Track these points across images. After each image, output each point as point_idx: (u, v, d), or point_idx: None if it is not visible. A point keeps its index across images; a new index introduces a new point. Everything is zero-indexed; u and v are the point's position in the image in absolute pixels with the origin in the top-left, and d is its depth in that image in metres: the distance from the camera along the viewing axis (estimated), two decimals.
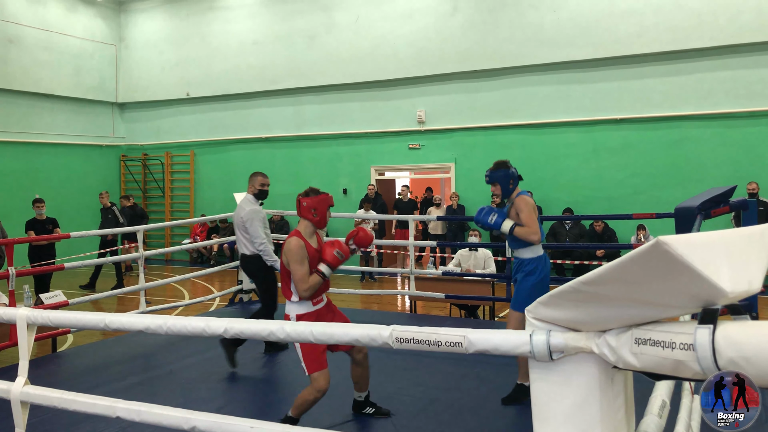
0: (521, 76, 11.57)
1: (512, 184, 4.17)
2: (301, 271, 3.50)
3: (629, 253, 1.13)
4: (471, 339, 1.61)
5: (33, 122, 13.76)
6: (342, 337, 1.86)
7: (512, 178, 4.16)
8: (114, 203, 11.08)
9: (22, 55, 13.42)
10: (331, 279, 3.83)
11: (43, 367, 5.22)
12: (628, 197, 10.61)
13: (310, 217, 3.70)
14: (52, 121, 14.20)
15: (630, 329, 1.28)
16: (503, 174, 4.15)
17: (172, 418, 2.17)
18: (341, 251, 3.63)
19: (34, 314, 2.39)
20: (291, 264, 3.53)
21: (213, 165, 14.79)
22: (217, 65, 14.42)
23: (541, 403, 1.49)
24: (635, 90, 10.73)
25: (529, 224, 4.02)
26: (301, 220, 3.73)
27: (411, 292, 7.15)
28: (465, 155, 12.10)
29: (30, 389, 2.41)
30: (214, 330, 2.05)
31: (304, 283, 3.50)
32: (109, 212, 10.85)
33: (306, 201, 3.71)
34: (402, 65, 12.39)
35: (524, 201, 4.11)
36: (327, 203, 3.76)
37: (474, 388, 4.50)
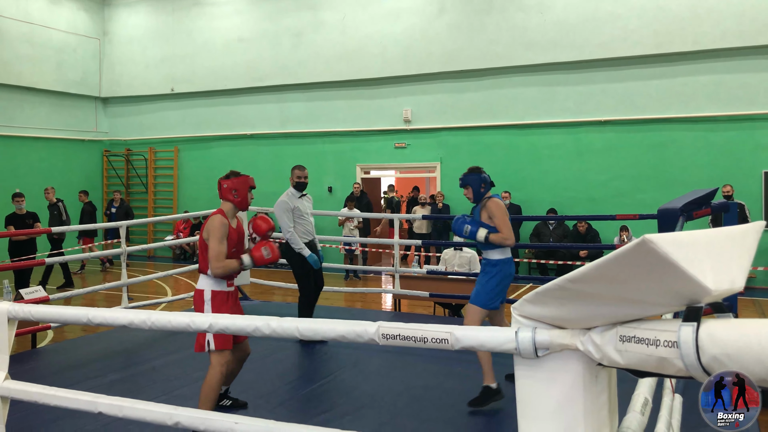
0: (506, 77, 11.63)
1: (483, 188, 4.31)
2: (218, 249, 3.62)
3: (615, 251, 1.15)
4: (457, 335, 1.62)
5: (14, 115, 13.57)
6: (328, 332, 1.86)
7: (484, 182, 4.30)
8: (60, 199, 10.77)
9: (3, 48, 13.22)
10: None
11: (23, 363, 5.16)
12: (611, 199, 10.71)
13: (231, 198, 3.83)
14: (34, 115, 14.00)
15: (615, 327, 1.29)
16: (475, 178, 4.30)
17: (156, 414, 2.15)
18: (269, 250, 3.78)
19: (15, 308, 2.36)
20: (210, 240, 3.65)
21: (197, 161, 14.69)
22: (202, 61, 14.32)
23: (526, 400, 1.50)
24: (619, 93, 10.84)
25: (502, 229, 4.18)
26: (223, 202, 3.85)
27: (396, 290, 7.16)
28: (450, 155, 12.13)
29: (10, 384, 2.38)
30: (198, 325, 2.04)
31: (219, 262, 3.61)
32: (55, 209, 10.55)
33: (227, 183, 3.84)
34: (388, 64, 12.39)
35: (496, 205, 4.23)
36: (247, 184, 3.88)
37: (456, 386, 4.51)
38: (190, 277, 11.24)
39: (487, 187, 4.31)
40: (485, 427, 3.82)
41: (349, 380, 4.73)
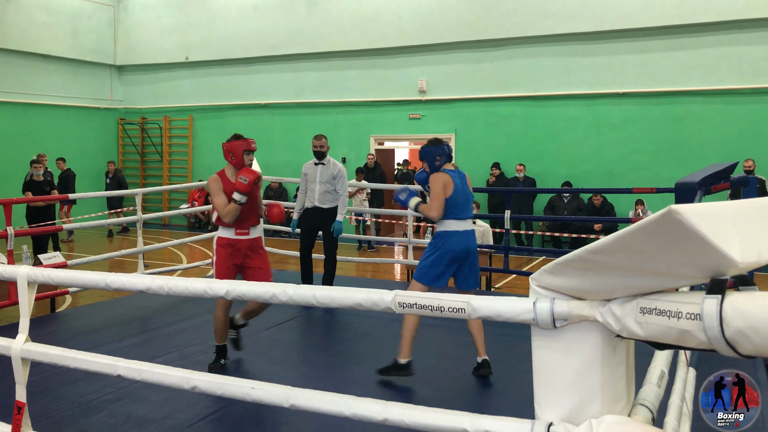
0: (524, 47, 11.45)
1: (438, 161, 4.21)
2: (217, 200, 4.11)
3: (639, 222, 1.13)
4: (474, 305, 1.61)
5: (30, 83, 13.60)
6: (344, 300, 1.87)
7: (439, 154, 4.21)
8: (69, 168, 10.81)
9: (19, 15, 13.20)
10: None
11: (42, 327, 5.25)
12: (628, 173, 10.59)
13: (229, 159, 4.22)
14: (50, 83, 14.03)
15: (635, 298, 1.28)
16: (431, 150, 4.22)
17: (173, 378, 2.18)
18: (244, 175, 4.05)
19: (35, 272, 2.39)
20: (211, 197, 4.17)
21: (211, 130, 14.68)
22: (216, 30, 14.22)
23: (543, 371, 1.50)
24: (638, 64, 10.64)
25: (432, 201, 4.10)
26: (227, 164, 4.27)
27: (408, 261, 7.17)
28: (465, 126, 12.03)
29: (31, 346, 2.42)
30: (215, 291, 2.05)
31: (222, 209, 4.09)
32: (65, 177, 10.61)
33: (226, 146, 4.24)
34: (404, 34, 12.24)
35: (435, 179, 4.14)
36: (242, 147, 4.17)
37: (468, 356, 4.54)
38: (204, 245, 11.33)
39: (443, 160, 4.22)
40: (496, 396, 3.85)
41: (362, 349, 4.77)
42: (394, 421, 1.74)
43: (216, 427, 3.33)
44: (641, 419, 1.41)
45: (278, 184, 12.94)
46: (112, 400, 3.73)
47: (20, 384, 2.44)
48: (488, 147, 11.75)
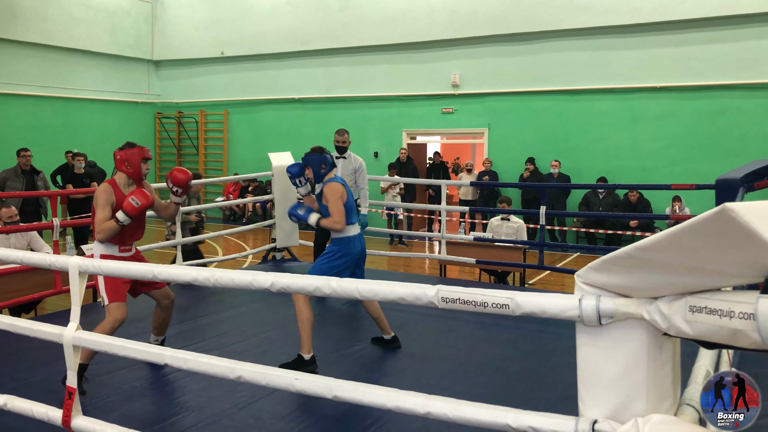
0: (558, 40, 11.32)
1: (324, 169, 4.27)
2: (100, 215, 3.72)
3: (689, 220, 1.13)
4: (518, 301, 1.62)
5: (70, 78, 13.94)
6: (387, 294, 1.89)
7: (324, 162, 4.26)
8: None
9: (60, 12, 13.52)
10: None
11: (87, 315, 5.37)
12: (664, 168, 10.41)
13: (123, 169, 3.86)
14: (89, 78, 14.35)
15: (684, 297, 1.28)
16: (316, 158, 4.25)
17: (219, 368, 2.24)
18: (137, 198, 3.69)
19: (86, 263, 2.47)
20: (96, 207, 3.75)
21: (245, 124, 14.87)
22: (250, 25, 14.36)
23: (587, 368, 1.51)
24: (675, 57, 10.43)
25: (334, 214, 4.14)
26: (118, 173, 3.90)
27: (442, 256, 7.17)
28: (498, 121, 11.96)
29: (81, 334, 2.50)
30: (260, 283, 2.10)
31: (98, 226, 3.71)
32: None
33: (119, 154, 3.87)
34: (436, 27, 12.20)
35: (331, 189, 4.18)
36: (140, 156, 3.85)
37: (503, 352, 4.54)
38: (239, 237, 11.49)
39: (327, 168, 4.26)
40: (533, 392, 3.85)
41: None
42: (437, 414, 1.76)
43: (253, 414, 3.40)
44: (688, 419, 1.41)
45: None
46: (153, 387, 3.83)
47: (71, 370, 2.53)
48: (521, 142, 11.66)
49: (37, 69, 13.24)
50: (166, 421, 3.31)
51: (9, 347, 4.36)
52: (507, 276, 7.42)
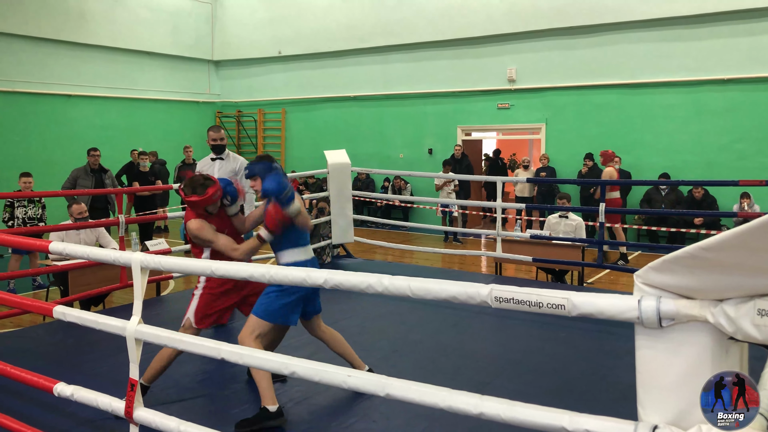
0: (619, 32, 10.99)
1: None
2: (222, 240, 3.48)
3: (759, 219, 1.07)
4: (574, 302, 1.58)
5: (135, 79, 14.44)
6: (439, 293, 1.87)
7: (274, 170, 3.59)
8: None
9: (126, 14, 14.03)
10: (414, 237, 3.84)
11: (149, 309, 5.57)
12: (731, 163, 9.98)
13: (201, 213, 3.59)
14: (152, 78, 14.84)
15: (752, 299, 1.22)
16: (265, 167, 3.54)
17: (273, 363, 2.28)
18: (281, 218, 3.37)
19: (147, 259, 2.55)
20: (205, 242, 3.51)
21: (302, 123, 15.08)
22: (306, 23, 14.54)
23: (647, 372, 1.46)
24: (744, 48, 9.97)
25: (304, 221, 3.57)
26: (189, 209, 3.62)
27: (498, 254, 7.08)
28: (556, 116, 11.72)
29: (143, 328, 2.58)
30: (314, 280, 2.12)
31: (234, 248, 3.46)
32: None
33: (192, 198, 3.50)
34: (492, 22, 12.04)
35: None
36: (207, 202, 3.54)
37: (558, 352, 4.45)
38: None
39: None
40: (590, 394, 3.75)
41: (449, 340, 4.77)
42: (490, 415, 1.73)
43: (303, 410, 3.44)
44: (757, 426, 1.34)
45: (365, 176, 13.11)
46: (207, 381, 3.94)
47: (134, 363, 2.62)
48: (580, 137, 11.39)
49: (104, 70, 13.78)
50: (224, 414, 3.39)
51: (84, 338, 4.57)
52: (565, 275, 7.27)
